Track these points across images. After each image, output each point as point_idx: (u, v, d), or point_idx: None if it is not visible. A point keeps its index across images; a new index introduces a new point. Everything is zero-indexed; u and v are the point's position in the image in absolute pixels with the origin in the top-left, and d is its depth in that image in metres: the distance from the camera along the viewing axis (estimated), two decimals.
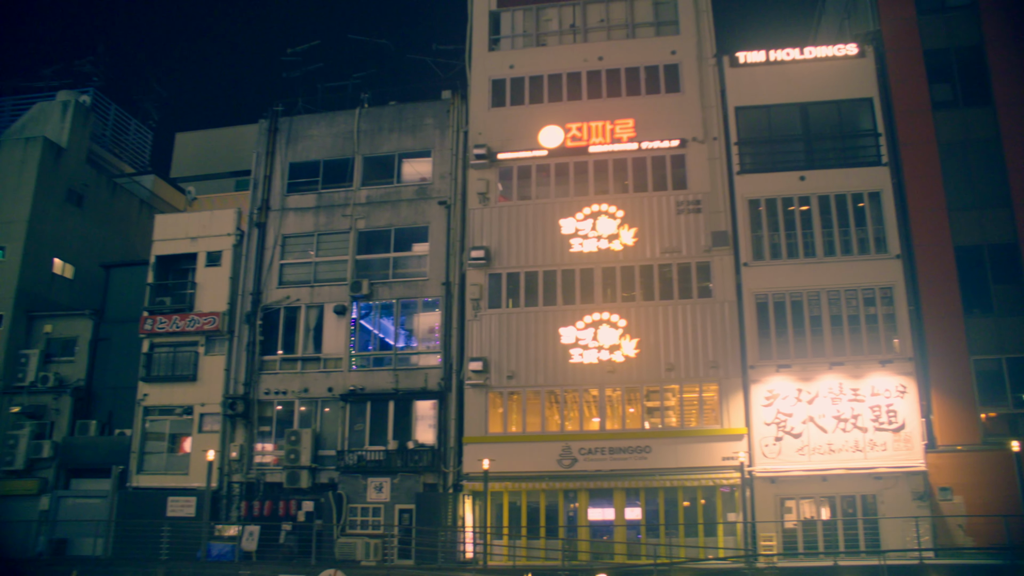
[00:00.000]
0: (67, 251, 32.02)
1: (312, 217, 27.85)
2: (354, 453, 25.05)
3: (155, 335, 27.74)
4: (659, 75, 25.70)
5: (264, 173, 28.62)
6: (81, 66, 35.25)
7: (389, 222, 27.08)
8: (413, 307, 26.40)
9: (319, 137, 28.47)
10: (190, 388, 27.17)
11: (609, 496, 23.09)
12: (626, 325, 23.82)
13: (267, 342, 27.09)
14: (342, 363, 26.18)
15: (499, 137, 26.19)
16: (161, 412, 27.37)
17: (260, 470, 25.88)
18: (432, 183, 27.00)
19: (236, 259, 28.08)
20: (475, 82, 26.99)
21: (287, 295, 27.27)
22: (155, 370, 27.61)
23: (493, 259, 25.33)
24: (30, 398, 28.52)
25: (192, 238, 28.60)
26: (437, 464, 24.34)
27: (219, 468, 25.91)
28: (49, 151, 31.63)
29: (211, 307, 27.67)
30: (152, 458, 27.04)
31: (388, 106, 28.29)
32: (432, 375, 25.30)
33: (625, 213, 24.64)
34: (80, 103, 33.64)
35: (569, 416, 24.09)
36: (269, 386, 26.54)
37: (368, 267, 26.98)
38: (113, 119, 38.37)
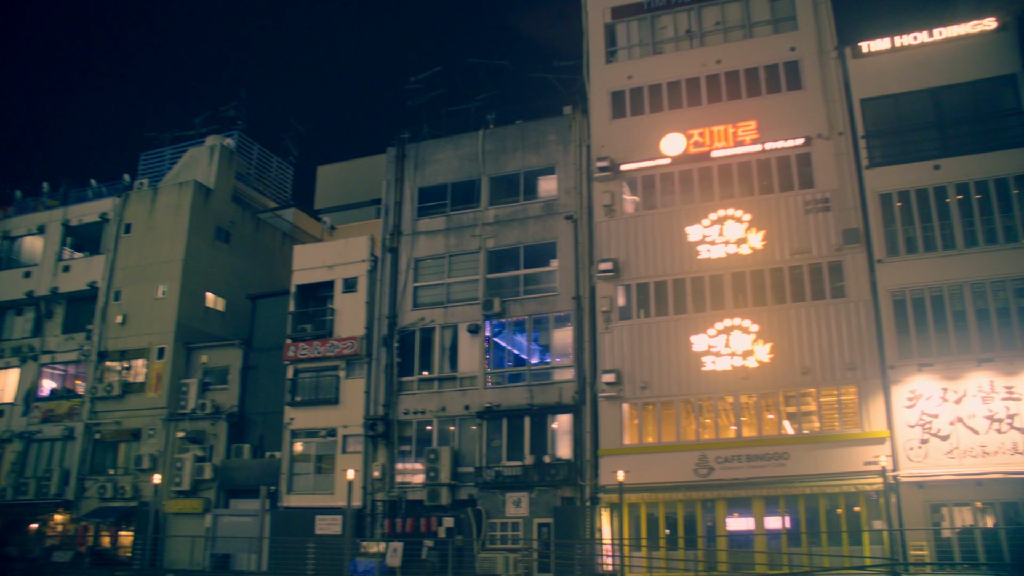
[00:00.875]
0: (218, 285, 36.66)
1: (442, 239, 30.91)
2: (492, 469, 27.61)
3: (298, 361, 31.50)
4: (779, 73, 27.35)
5: (395, 199, 32.03)
6: (226, 112, 40.48)
7: (518, 240, 29.73)
8: (545, 322, 28.83)
9: (445, 160, 31.64)
10: (333, 411, 30.64)
11: (748, 505, 24.59)
12: (758, 330, 25.38)
13: (404, 363, 30.22)
14: (477, 381, 28.91)
15: (622, 148, 28.48)
16: (307, 435, 31.00)
17: (402, 488, 28.87)
18: (558, 198, 29.54)
19: (371, 284, 31.51)
20: (594, 95, 29.49)
21: (422, 317, 30.35)
22: (300, 395, 31.34)
23: (622, 270, 27.49)
24: (192, 424, 32.94)
25: (329, 266, 32.34)
26: (574, 477, 26.53)
27: (362, 487, 29.16)
28: (199, 193, 36.52)
29: (349, 332, 31.13)
30: (300, 479, 30.64)
31: (511, 125, 31.19)
32: (566, 389, 27.59)
33: (752, 216, 26.29)
34: (224, 147, 38.63)
35: (704, 424, 25.80)
36: (408, 406, 29.59)
37: (499, 285, 29.68)
38: (256, 158, 43.41)
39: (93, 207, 38.26)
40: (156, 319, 35.01)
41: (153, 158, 42.12)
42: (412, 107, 33.70)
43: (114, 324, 35.70)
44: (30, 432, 36.04)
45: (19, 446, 36.04)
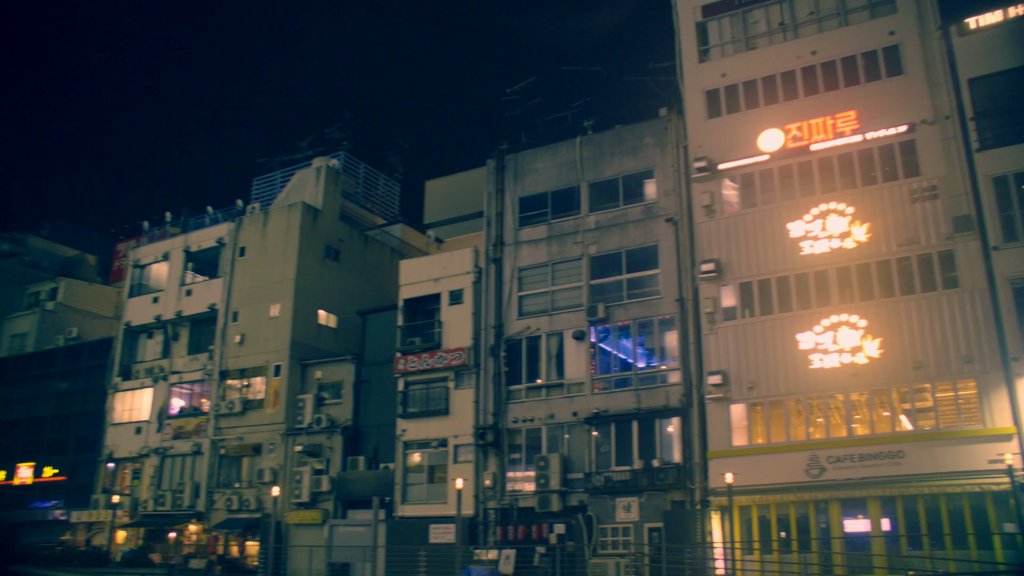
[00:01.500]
0: (329, 302, 38.74)
1: (545, 248, 31.91)
2: (601, 474, 28.40)
3: (408, 374, 33.05)
4: (878, 60, 27.25)
5: (496, 210, 33.25)
6: (331, 133, 42.78)
7: (619, 245, 30.47)
8: (649, 326, 29.47)
9: (544, 169, 32.68)
10: (443, 421, 32.02)
11: (862, 505, 24.57)
12: (867, 325, 25.35)
13: (511, 372, 31.33)
14: (584, 387, 29.77)
15: (719, 147, 28.89)
16: (419, 446, 32.49)
17: (513, 496, 29.95)
18: (657, 201, 30.17)
19: (476, 295, 32.79)
20: (689, 95, 30.00)
21: (527, 325, 31.42)
22: (411, 407, 32.90)
23: (724, 271, 27.88)
24: (308, 438, 34.94)
25: (435, 279, 33.84)
26: (683, 481, 27.04)
27: (474, 496, 30.39)
28: (307, 214, 38.72)
29: (457, 343, 32.47)
30: (414, 489, 32.14)
31: (608, 131, 31.99)
32: (673, 392, 28.15)
33: (855, 209, 26.28)
34: (330, 167, 40.83)
35: (815, 424, 25.87)
36: (516, 414, 30.66)
37: (603, 291, 30.50)
38: (363, 177, 45.59)
39: (210, 233, 41.09)
40: (272, 338, 37.30)
41: (265, 182, 44.80)
42: (509, 118, 34.99)
43: (233, 344, 38.24)
44: (164, 448, 38.95)
45: (156, 461, 39.05)
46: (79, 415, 43.70)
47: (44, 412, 45.59)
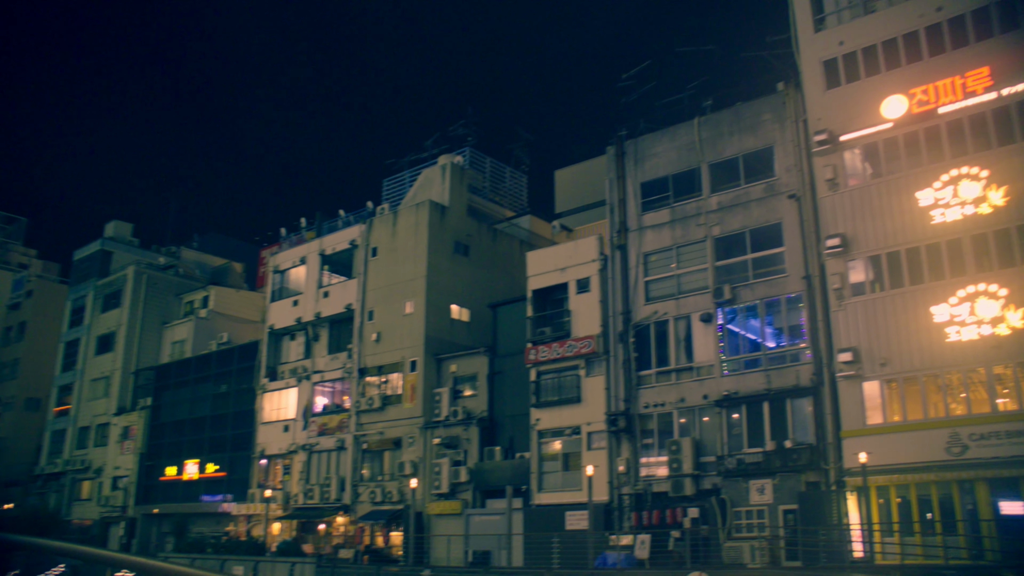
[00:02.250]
0: (461, 297, 40.28)
1: (668, 231, 32.35)
2: (733, 457, 28.73)
3: (540, 363, 34.14)
4: (1016, 8, 26.05)
5: (618, 197, 33.91)
6: (455, 130, 44.37)
7: (742, 224, 30.59)
8: (776, 305, 29.51)
9: (663, 153, 33.08)
10: (576, 409, 32.94)
11: (1014, 486, 23.75)
12: (1007, 294, 24.69)
13: (641, 358, 31.99)
14: (714, 369, 30.12)
15: (839, 119, 28.62)
16: (553, 434, 33.53)
17: (647, 481, 30.63)
18: (779, 178, 30.11)
19: (603, 283, 33.57)
20: (806, 67, 29.79)
21: (654, 310, 32.00)
22: (543, 396, 33.96)
23: (851, 245, 27.65)
24: (446, 431, 36.56)
25: (561, 269, 34.79)
26: (817, 461, 27.05)
27: (608, 482, 31.22)
28: (435, 212, 40.37)
29: (586, 331, 33.34)
30: (549, 477, 33.21)
31: (725, 110, 32.10)
32: (803, 371, 28.15)
33: (990, 172, 25.57)
34: (455, 164, 42.39)
35: (955, 399, 25.32)
36: (647, 400, 31.30)
37: (728, 272, 30.73)
38: (489, 171, 47.03)
39: (343, 235, 43.44)
40: (407, 334, 39.17)
41: (394, 183, 46.89)
42: (626, 104, 35.46)
43: (370, 342, 40.37)
44: (310, 444, 41.55)
45: (304, 457, 41.71)
46: (233, 415, 47.15)
47: (203, 413, 49.36)
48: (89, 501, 55.90)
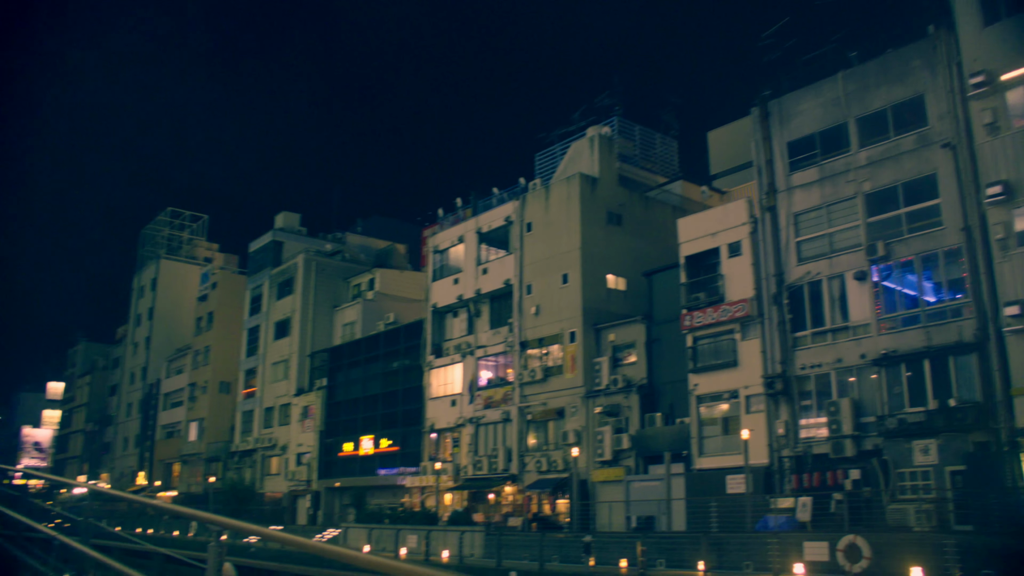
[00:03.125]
0: (616, 266, 41.53)
1: (817, 190, 32.48)
2: (894, 417, 28.85)
3: (695, 329, 35.05)
4: None
5: (765, 158, 34.24)
6: (601, 101, 45.43)
7: (894, 178, 30.42)
8: (934, 259, 29.29)
9: (808, 111, 33.13)
10: (732, 373, 33.72)
11: None
12: None
13: (796, 319, 32.40)
14: (870, 328, 30.26)
15: (999, 57, 28.00)
16: (711, 399, 34.46)
17: (806, 443, 31.12)
18: (931, 127, 29.74)
19: (754, 245, 34.10)
20: (960, 4, 29.00)
21: (807, 271, 32.29)
22: (700, 361, 34.94)
23: (1015, 192, 27.16)
24: (607, 399, 38.03)
25: (712, 234, 35.51)
26: (985, 421, 26.85)
27: (767, 445, 31.93)
28: (586, 184, 41.71)
29: (739, 295, 34.00)
30: (709, 441, 34.17)
31: (870, 61, 31.88)
32: (966, 327, 27.94)
33: None
34: (603, 136, 43.55)
35: None
36: (804, 361, 31.71)
37: (881, 228, 30.69)
38: (639, 138, 47.84)
39: (498, 213, 45.43)
40: (564, 306, 40.81)
41: (546, 157, 48.45)
42: (768, 63, 35.51)
43: (530, 315, 42.27)
44: (477, 418, 44.00)
45: (471, 430, 44.21)
46: (403, 392, 50.35)
47: (375, 391, 52.88)
48: (278, 476, 61.01)
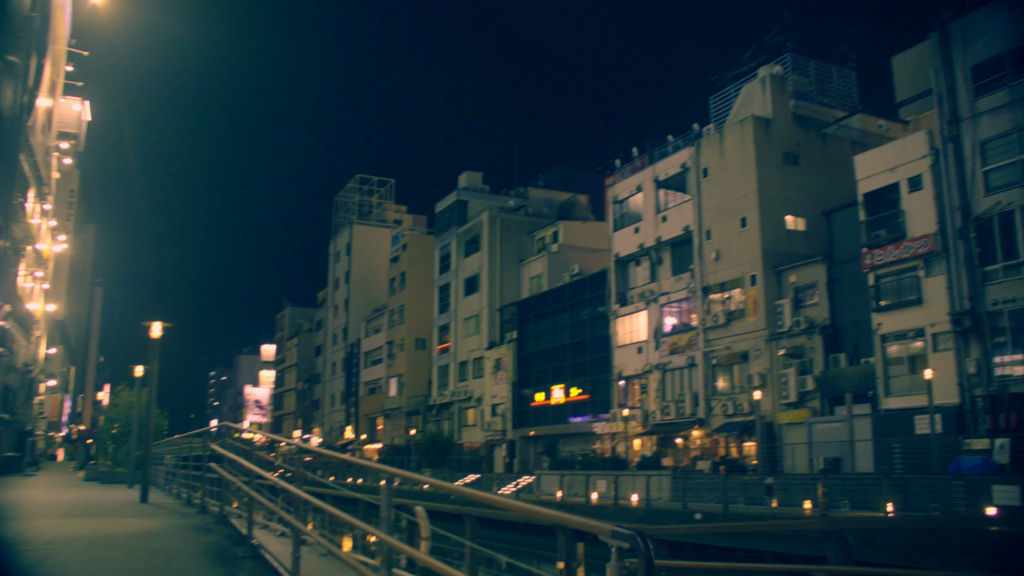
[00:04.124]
0: (794, 207, 41.87)
1: (1007, 114, 31.86)
2: None
3: (876, 267, 35.23)
4: None
5: (946, 85, 33.77)
6: (771, 39, 45.18)
7: None
8: None
9: (994, 29, 32.41)
10: (917, 311, 33.82)
11: None
12: None
13: (985, 252, 32.07)
14: None
15: None
16: (896, 338, 34.71)
17: (1001, 382, 30.89)
18: None
19: (936, 178, 33.82)
20: None
21: (997, 201, 31.83)
22: (883, 299, 35.24)
23: None
24: (790, 341, 38.76)
25: (890, 169, 35.35)
26: None
27: (958, 384, 31.94)
28: (759, 126, 42.14)
29: (922, 230, 33.93)
30: (895, 381, 34.45)
31: None
32: None
33: None
34: (774, 75, 43.74)
35: None
36: (995, 296, 31.46)
37: None
38: (814, 74, 47.44)
39: (674, 160, 46.43)
40: (744, 250, 41.58)
41: (720, 99, 48.83)
42: None
43: (710, 260, 43.27)
44: (663, 363, 45.61)
45: (658, 376, 45.89)
46: (590, 341, 52.48)
47: (563, 341, 55.31)
48: (474, 427, 64.85)
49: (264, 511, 12.12)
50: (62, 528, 11.49)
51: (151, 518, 13.23)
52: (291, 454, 14.37)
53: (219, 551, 9.81)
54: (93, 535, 10.72)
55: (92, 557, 9.13)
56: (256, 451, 10.96)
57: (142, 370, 26.43)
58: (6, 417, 38.33)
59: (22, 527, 11.31)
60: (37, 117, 41.36)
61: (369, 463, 7.34)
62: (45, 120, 46.30)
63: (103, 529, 11.30)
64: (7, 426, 39.59)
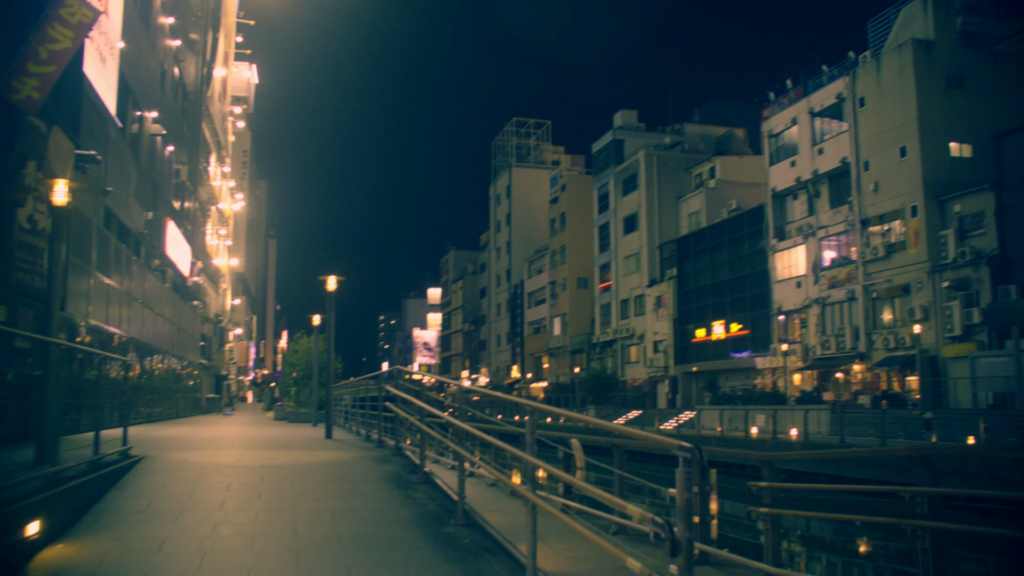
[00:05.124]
0: (959, 133, 40.84)
1: None
2: None
3: None
4: None
5: None
6: None
7: None
8: None
9: None
10: None
11: None
12: None
13: None
14: None
15: None
16: None
17: None
18: None
19: None
20: None
21: None
22: None
23: None
24: (953, 273, 38.21)
25: None
26: None
27: None
28: (919, 50, 41.18)
29: None
30: None
31: None
32: None
33: None
34: None
35: None
36: None
37: None
38: None
39: (829, 91, 45.80)
40: (903, 180, 40.90)
41: (879, 23, 47.41)
42: None
43: (868, 192, 42.79)
44: (822, 298, 45.61)
45: (817, 310, 45.95)
46: (749, 276, 52.77)
47: (722, 277, 55.75)
48: (637, 363, 66.25)
49: (436, 446, 14.04)
50: (268, 457, 13.65)
51: (337, 451, 15.23)
52: (458, 394, 16.37)
53: (397, 477, 11.62)
54: (293, 463, 12.78)
55: (295, 480, 11.10)
56: (426, 391, 12.79)
57: (319, 319, 28.96)
58: (205, 363, 42.48)
59: (238, 456, 13.63)
60: (214, 87, 44.86)
61: (515, 398, 8.61)
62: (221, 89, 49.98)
63: (299, 459, 13.39)
64: (206, 371, 43.85)
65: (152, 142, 28.94)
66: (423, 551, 7.62)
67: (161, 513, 8.85)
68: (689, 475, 4.39)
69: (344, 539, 7.97)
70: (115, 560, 7.08)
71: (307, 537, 8.00)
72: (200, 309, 41.18)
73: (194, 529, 8.18)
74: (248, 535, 8.01)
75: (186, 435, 19.11)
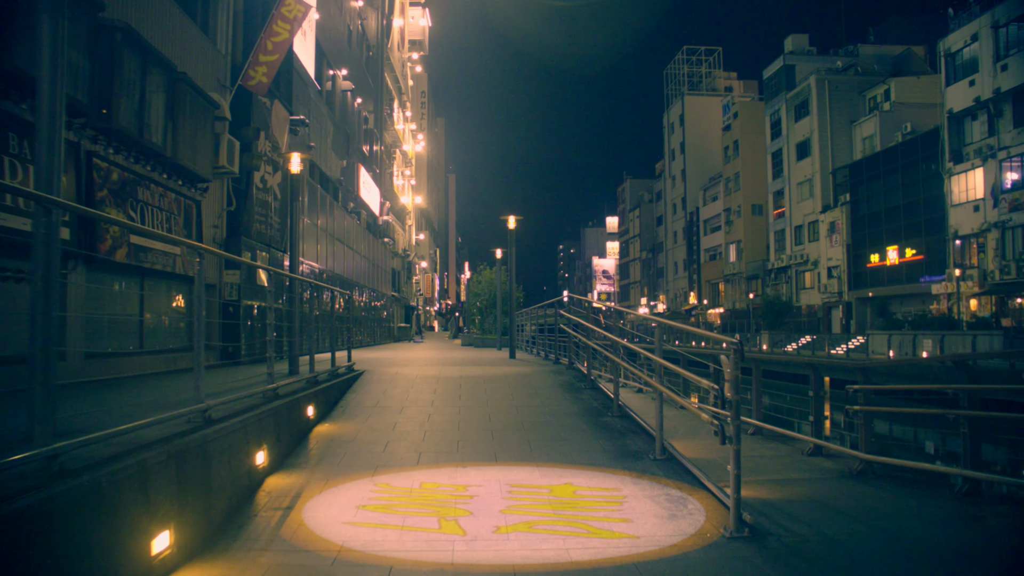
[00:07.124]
0: None
1: None
2: None
3: None
4: None
5: None
6: None
7: None
8: None
9: None
10: None
11: None
12: None
13: None
14: None
15: None
16: None
17: None
18: None
19: None
20: None
21: None
22: None
23: None
24: None
25: None
26: None
27: None
28: None
29: None
30: None
31: None
32: None
33: None
34: None
35: None
36: None
37: None
38: None
39: (1012, 4, 43.87)
40: None
41: None
42: None
43: None
44: (1002, 221, 44.50)
45: (996, 234, 44.88)
46: (924, 200, 51.79)
47: (896, 202, 54.88)
48: (811, 289, 66.10)
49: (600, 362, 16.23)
50: (463, 371, 16.57)
51: (519, 366, 17.98)
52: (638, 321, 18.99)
53: (568, 384, 14.30)
54: (484, 375, 15.66)
55: (487, 387, 13.86)
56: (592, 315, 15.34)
57: (500, 253, 31.25)
58: (396, 295, 45.99)
59: (438, 371, 16.61)
60: (393, 37, 47.62)
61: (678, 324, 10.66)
62: (399, 38, 52.78)
63: (489, 372, 16.28)
64: (397, 302, 47.46)
65: (343, 97, 31.82)
66: (585, 431, 10.26)
67: (388, 407, 11.87)
68: (737, 356, 6.42)
69: (526, 424, 10.69)
70: (365, 434, 10.10)
71: (498, 421, 10.80)
72: (390, 245, 44.53)
73: (415, 417, 11.15)
74: (455, 421, 10.86)
75: (390, 357, 22.30)
